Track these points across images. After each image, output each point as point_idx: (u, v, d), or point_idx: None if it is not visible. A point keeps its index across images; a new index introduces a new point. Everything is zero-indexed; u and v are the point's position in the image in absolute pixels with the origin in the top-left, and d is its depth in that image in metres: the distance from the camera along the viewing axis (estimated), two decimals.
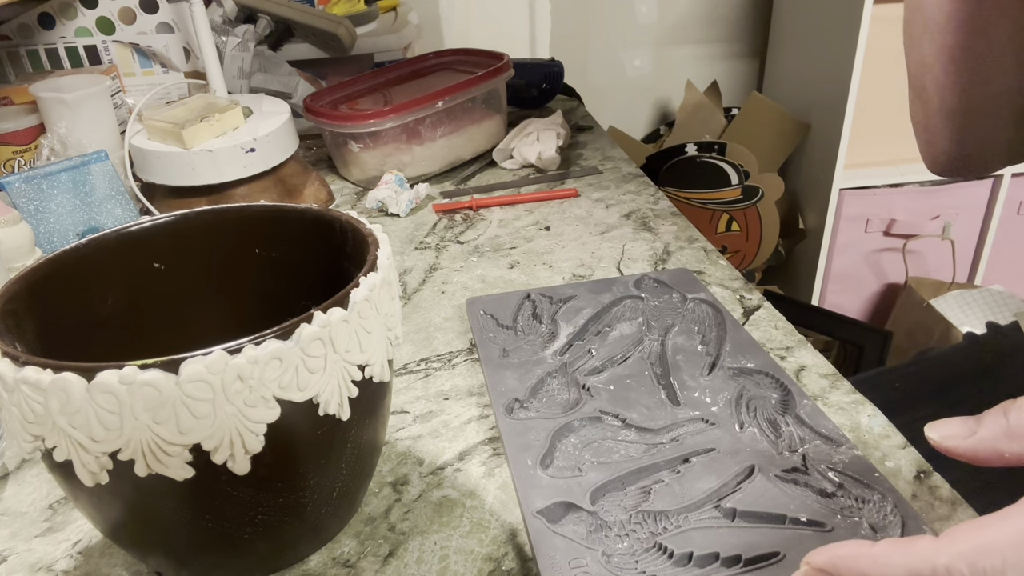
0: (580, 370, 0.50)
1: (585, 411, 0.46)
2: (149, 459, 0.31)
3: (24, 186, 0.71)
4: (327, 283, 0.40)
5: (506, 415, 0.46)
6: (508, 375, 0.49)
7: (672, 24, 1.67)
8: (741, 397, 0.47)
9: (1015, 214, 1.56)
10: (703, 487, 0.40)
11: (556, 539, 0.37)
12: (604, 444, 0.44)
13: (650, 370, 0.49)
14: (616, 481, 0.41)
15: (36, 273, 0.39)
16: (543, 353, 0.51)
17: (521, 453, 0.43)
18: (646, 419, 0.45)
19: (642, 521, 0.38)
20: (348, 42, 0.94)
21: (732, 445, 0.43)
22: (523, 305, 0.56)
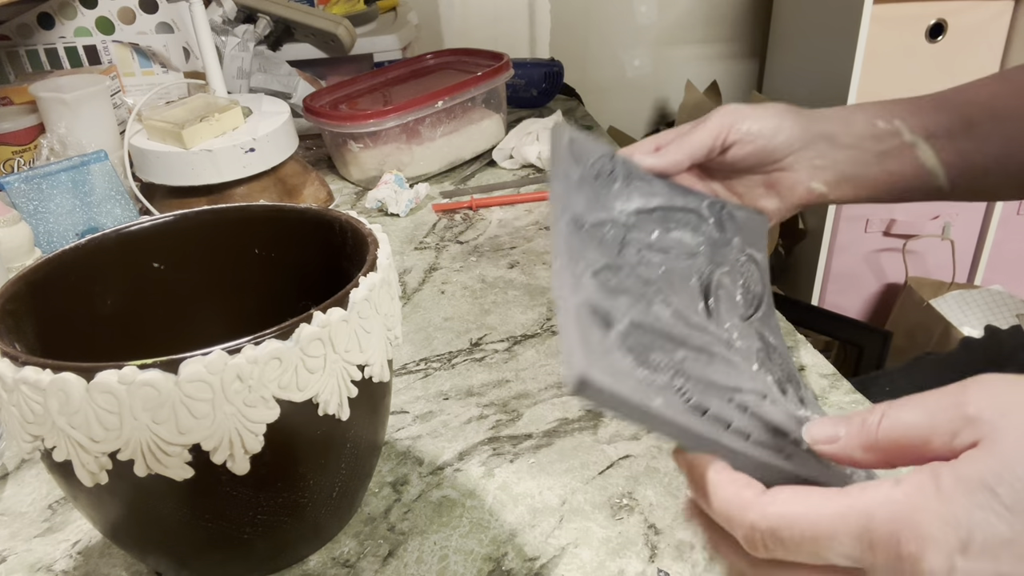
0: (639, 241, 0.47)
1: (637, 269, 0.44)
2: (149, 459, 0.31)
3: (24, 186, 0.71)
4: (327, 283, 0.40)
5: (572, 224, 0.43)
6: (578, 197, 0.46)
7: (672, 24, 1.67)
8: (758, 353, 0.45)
9: (1015, 214, 1.56)
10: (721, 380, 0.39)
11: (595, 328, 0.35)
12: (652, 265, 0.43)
13: (695, 281, 0.48)
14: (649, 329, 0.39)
15: (36, 273, 0.39)
16: (613, 204, 0.49)
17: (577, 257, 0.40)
18: (685, 308, 0.44)
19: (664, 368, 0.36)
20: (348, 42, 0.94)
21: (746, 371, 0.42)
22: (603, 159, 0.51)
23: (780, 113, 0.52)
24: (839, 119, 0.53)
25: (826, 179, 0.53)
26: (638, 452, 0.48)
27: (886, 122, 0.53)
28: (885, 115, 0.53)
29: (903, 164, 0.53)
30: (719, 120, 0.51)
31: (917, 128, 0.53)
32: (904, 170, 0.53)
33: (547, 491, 0.45)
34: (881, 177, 0.53)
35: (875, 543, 0.26)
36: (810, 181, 0.53)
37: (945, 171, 0.53)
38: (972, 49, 1.42)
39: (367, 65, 1.10)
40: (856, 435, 0.29)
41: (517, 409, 0.52)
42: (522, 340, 0.60)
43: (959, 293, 1.47)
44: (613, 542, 0.41)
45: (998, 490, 0.25)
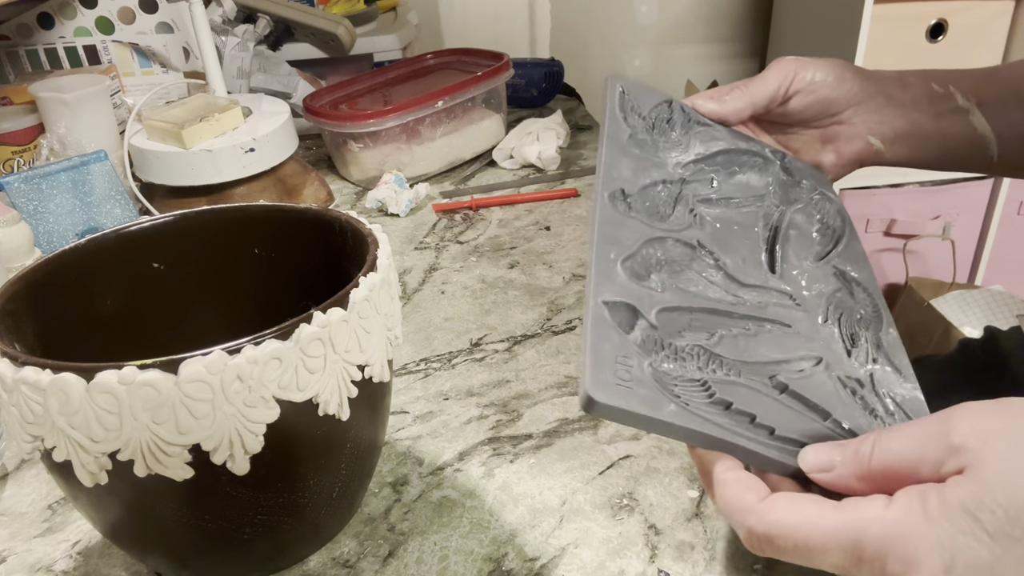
0: (696, 193, 0.46)
1: (685, 235, 0.43)
2: (148, 459, 0.31)
3: (23, 186, 0.71)
4: (327, 283, 0.40)
5: (609, 202, 0.42)
6: (625, 162, 0.45)
7: (672, 24, 1.67)
8: (834, 295, 0.44)
9: (1015, 214, 1.56)
10: (767, 354, 0.38)
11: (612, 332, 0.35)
12: (687, 273, 0.41)
13: (761, 227, 0.46)
14: (686, 310, 0.39)
15: (35, 273, 0.39)
16: (667, 158, 0.47)
17: (608, 244, 0.40)
18: (737, 270, 0.43)
19: (696, 355, 0.37)
20: (348, 42, 0.94)
21: (809, 331, 0.41)
22: (663, 107, 0.51)
23: (841, 65, 0.52)
24: (895, 79, 0.53)
25: (883, 135, 0.53)
26: (638, 452, 0.48)
27: (941, 86, 0.53)
28: (939, 80, 0.53)
29: (958, 127, 0.53)
30: (782, 68, 0.51)
31: (970, 95, 0.53)
32: (959, 133, 0.53)
33: (547, 491, 0.45)
34: (936, 139, 0.53)
35: (863, 560, 0.28)
36: (868, 135, 0.53)
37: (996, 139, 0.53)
38: (973, 49, 1.42)
39: (367, 65, 1.10)
40: (850, 464, 0.30)
41: (517, 409, 0.52)
42: (522, 340, 0.60)
43: (960, 293, 1.47)
44: (613, 542, 0.41)
45: (980, 516, 0.26)
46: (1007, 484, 0.26)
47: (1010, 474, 0.26)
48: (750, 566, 0.39)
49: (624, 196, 0.44)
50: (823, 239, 0.48)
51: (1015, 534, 0.26)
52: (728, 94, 0.50)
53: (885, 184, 1.49)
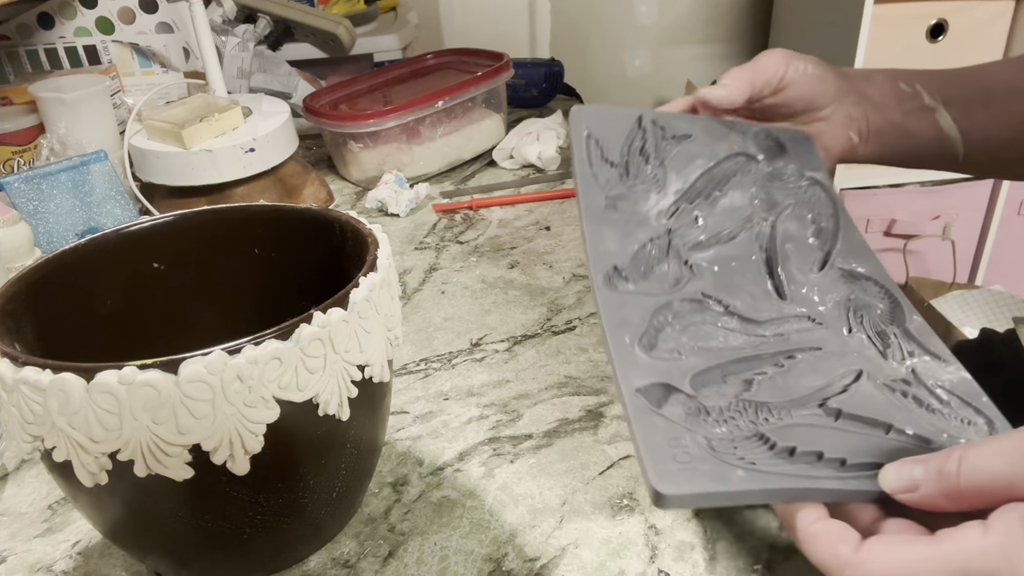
0: (685, 242, 0.46)
1: (687, 292, 0.43)
2: (148, 459, 0.31)
3: (23, 186, 0.71)
4: (327, 283, 0.40)
5: (605, 285, 0.42)
6: (609, 235, 0.45)
7: (672, 24, 1.67)
8: (850, 301, 0.44)
9: (1015, 214, 1.56)
10: (808, 384, 0.38)
11: (656, 419, 0.35)
12: (704, 328, 0.41)
13: (758, 255, 0.46)
14: (716, 369, 0.38)
15: (36, 273, 0.39)
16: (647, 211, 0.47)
17: (619, 329, 0.39)
18: (750, 309, 0.42)
19: (743, 410, 0.36)
20: (348, 42, 0.94)
21: (839, 347, 0.41)
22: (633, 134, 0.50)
23: (820, 61, 0.52)
24: (864, 76, 0.54)
25: (859, 130, 0.54)
26: None
27: (907, 85, 0.54)
28: (906, 79, 0.54)
29: (924, 126, 0.54)
30: (776, 56, 0.51)
31: (936, 94, 0.54)
32: (925, 131, 0.54)
33: (547, 491, 0.45)
34: (903, 136, 0.54)
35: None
36: (848, 130, 0.53)
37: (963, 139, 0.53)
38: (973, 49, 1.42)
39: (367, 65, 1.10)
40: (936, 483, 0.29)
41: (517, 409, 0.52)
42: (522, 340, 0.60)
43: (960, 293, 1.47)
44: (613, 542, 0.41)
45: None
46: None
47: None
48: (750, 566, 0.39)
49: (618, 272, 0.43)
50: (821, 241, 0.48)
51: None
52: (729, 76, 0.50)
53: (885, 184, 1.49)
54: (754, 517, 0.42)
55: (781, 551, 0.40)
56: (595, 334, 0.60)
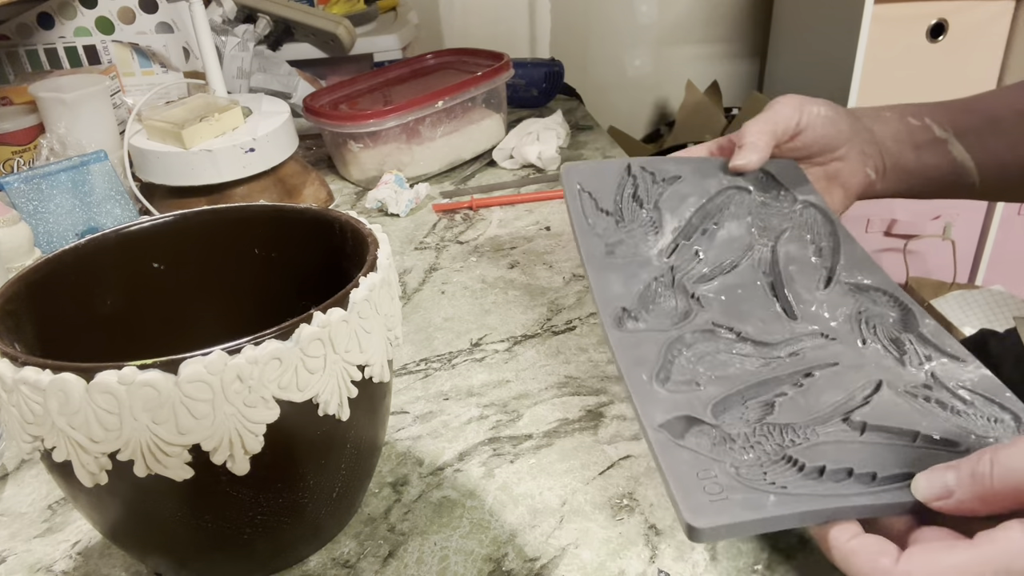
0: (688, 276, 0.47)
1: (697, 323, 0.43)
2: (148, 459, 0.31)
3: (23, 186, 0.71)
4: (327, 283, 0.40)
5: (616, 327, 0.43)
6: (613, 279, 0.46)
7: (672, 24, 1.67)
8: (860, 314, 0.44)
9: (1016, 214, 1.56)
10: (829, 400, 0.38)
11: (682, 452, 0.35)
12: (718, 358, 0.41)
13: (762, 280, 0.47)
14: (736, 395, 0.39)
15: (35, 273, 0.39)
16: (648, 252, 0.48)
17: (635, 368, 0.40)
18: (762, 332, 0.43)
19: (767, 434, 0.36)
20: (347, 42, 0.94)
21: (855, 360, 0.41)
22: (624, 182, 0.51)
23: (831, 104, 0.53)
24: (872, 115, 0.55)
25: (875, 167, 0.55)
26: (638, 452, 0.47)
27: (916, 119, 0.55)
28: (914, 113, 0.55)
29: (938, 158, 0.55)
30: (790, 103, 0.52)
31: (946, 125, 0.54)
32: (940, 163, 0.55)
33: (547, 491, 0.45)
34: (919, 169, 0.55)
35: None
36: (864, 167, 0.54)
37: (977, 168, 0.54)
38: (973, 49, 1.42)
39: (367, 65, 1.10)
40: (969, 487, 0.29)
41: (517, 409, 0.52)
42: (522, 340, 0.60)
43: (960, 293, 1.47)
44: (614, 542, 0.41)
45: None
46: None
47: None
48: (750, 566, 0.39)
49: (627, 312, 0.44)
50: (823, 259, 0.49)
51: None
52: (750, 136, 0.50)
53: None
54: None
55: (781, 551, 0.40)
56: (595, 334, 0.60)
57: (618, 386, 0.54)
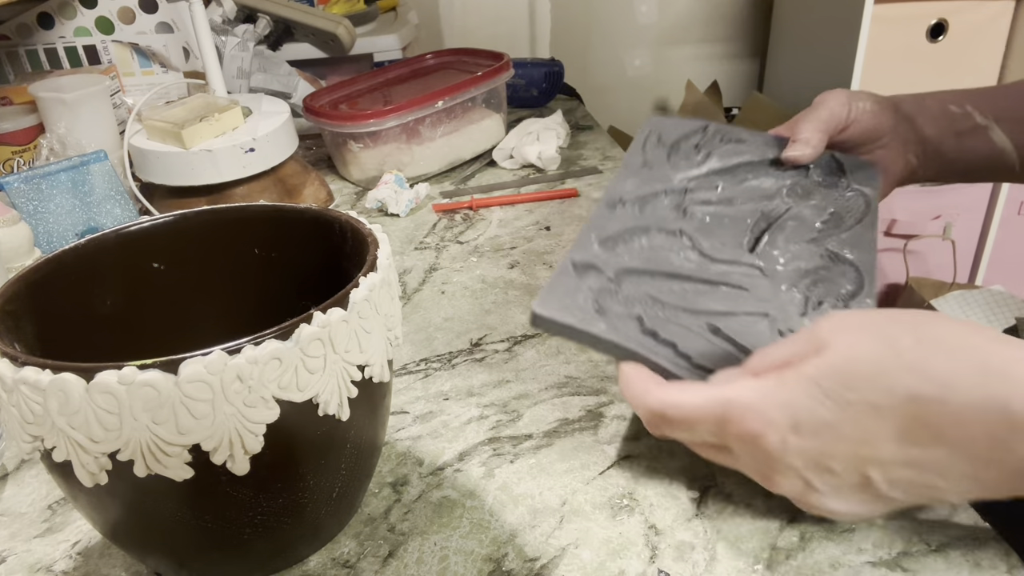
0: (694, 198, 0.49)
1: (669, 226, 0.47)
2: (148, 459, 0.31)
3: (23, 186, 0.71)
4: (327, 283, 0.40)
5: (605, 206, 0.47)
6: (631, 182, 0.50)
7: (672, 24, 1.67)
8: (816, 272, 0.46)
9: (1016, 214, 1.56)
10: (710, 306, 0.42)
11: (570, 278, 0.41)
12: (662, 253, 0.45)
13: (754, 219, 0.49)
14: (647, 273, 0.44)
15: (35, 273, 0.39)
16: (675, 176, 0.51)
17: (591, 230, 0.45)
18: (713, 249, 0.46)
19: (642, 301, 0.42)
20: (347, 42, 0.94)
21: (766, 295, 0.43)
22: (693, 134, 0.55)
23: (872, 94, 0.55)
24: (913, 102, 0.57)
25: (917, 154, 0.56)
26: (638, 452, 0.47)
27: (957, 106, 0.56)
28: (955, 100, 0.57)
29: (979, 144, 0.56)
30: (838, 98, 0.54)
31: (987, 112, 0.56)
32: (980, 149, 0.56)
33: (547, 491, 0.45)
34: (960, 155, 0.57)
35: (728, 424, 0.33)
36: (907, 155, 0.56)
37: (1017, 152, 0.56)
38: (973, 49, 1.42)
39: (367, 65, 1.10)
40: (742, 369, 0.35)
41: (517, 409, 0.52)
42: (522, 340, 0.60)
43: (960, 293, 1.47)
44: (613, 543, 0.41)
45: (821, 383, 0.31)
46: (847, 359, 0.31)
47: (852, 349, 0.31)
48: (750, 566, 0.39)
49: (620, 201, 0.48)
50: (825, 228, 0.50)
51: (849, 397, 0.31)
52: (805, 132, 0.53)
53: None
54: (754, 517, 0.42)
55: (781, 551, 0.40)
56: None
57: (618, 387, 0.54)
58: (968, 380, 0.30)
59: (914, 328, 0.31)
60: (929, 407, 0.30)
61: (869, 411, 0.31)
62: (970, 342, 0.30)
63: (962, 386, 0.30)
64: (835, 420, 0.32)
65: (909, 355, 0.30)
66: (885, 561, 0.39)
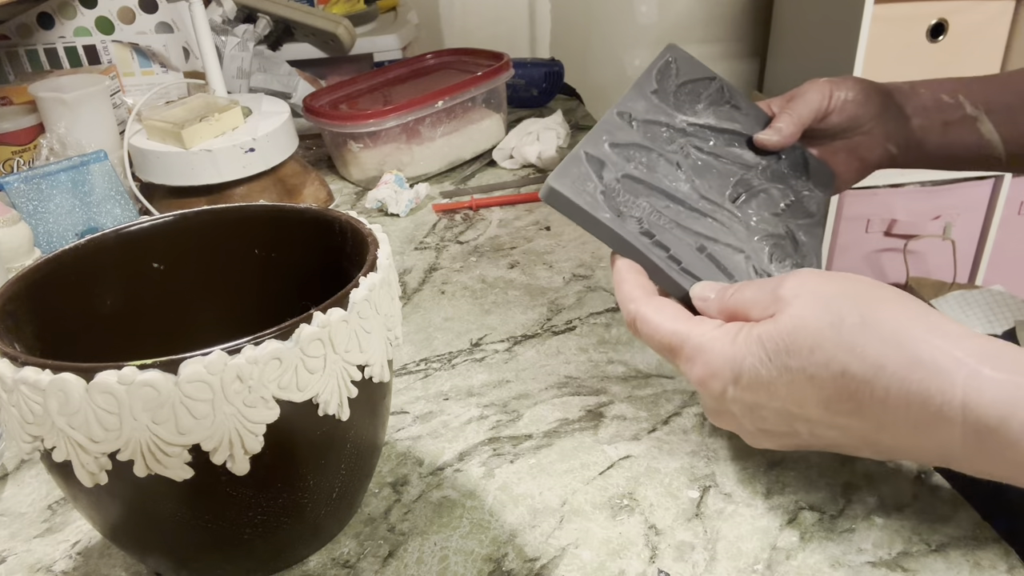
0: (691, 141, 0.53)
1: (669, 155, 0.50)
2: (148, 460, 0.31)
3: (23, 186, 0.71)
4: (327, 283, 0.40)
5: (616, 115, 0.51)
6: (642, 103, 0.53)
7: (672, 24, 1.67)
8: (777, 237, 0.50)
9: (1016, 214, 1.56)
10: (700, 230, 0.46)
11: (582, 166, 0.45)
12: (659, 175, 0.49)
13: (736, 178, 0.53)
14: (647, 185, 0.47)
15: (35, 273, 0.39)
16: (677, 116, 0.54)
17: (604, 132, 0.48)
18: (703, 189, 0.50)
19: (642, 207, 0.45)
20: (347, 42, 0.94)
21: (742, 238, 0.48)
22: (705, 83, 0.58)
23: (865, 83, 0.56)
24: (907, 91, 0.58)
25: (898, 142, 0.58)
26: (638, 453, 0.47)
27: (950, 96, 0.57)
28: (948, 90, 0.57)
29: (965, 135, 0.57)
30: (819, 88, 0.56)
31: (978, 103, 0.57)
32: (966, 140, 0.57)
33: (547, 491, 0.45)
34: (944, 145, 0.58)
35: (680, 358, 0.38)
36: (886, 143, 0.57)
37: (1003, 143, 0.57)
38: (973, 49, 1.42)
39: (367, 65, 1.10)
40: (716, 301, 0.39)
41: (517, 409, 0.52)
42: (522, 340, 0.60)
43: (960, 293, 1.47)
44: (613, 543, 0.41)
45: (767, 345, 0.34)
46: (794, 328, 0.34)
47: (800, 319, 0.34)
48: (750, 566, 0.39)
49: (630, 118, 0.51)
50: (787, 211, 0.53)
51: (790, 364, 0.34)
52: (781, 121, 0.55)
53: (885, 184, 1.49)
54: (754, 517, 0.42)
55: (781, 551, 0.40)
56: (595, 334, 0.60)
57: (618, 387, 0.54)
58: (896, 368, 0.31)
59: (862, 307, 0.33)
60: (858, 386, 0.32)
61: (804, 378, 0.34)
62: (908, 331, 0.32)
63: (890, 373, 0.32)
64: (772, 381, 0.35)
65: (849, 334, 0.32)
66: (885, 561, 0.39)
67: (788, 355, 0.34)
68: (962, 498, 0.42)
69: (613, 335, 0.60)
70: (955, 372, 0.30)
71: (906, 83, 0.58)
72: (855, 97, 0.55)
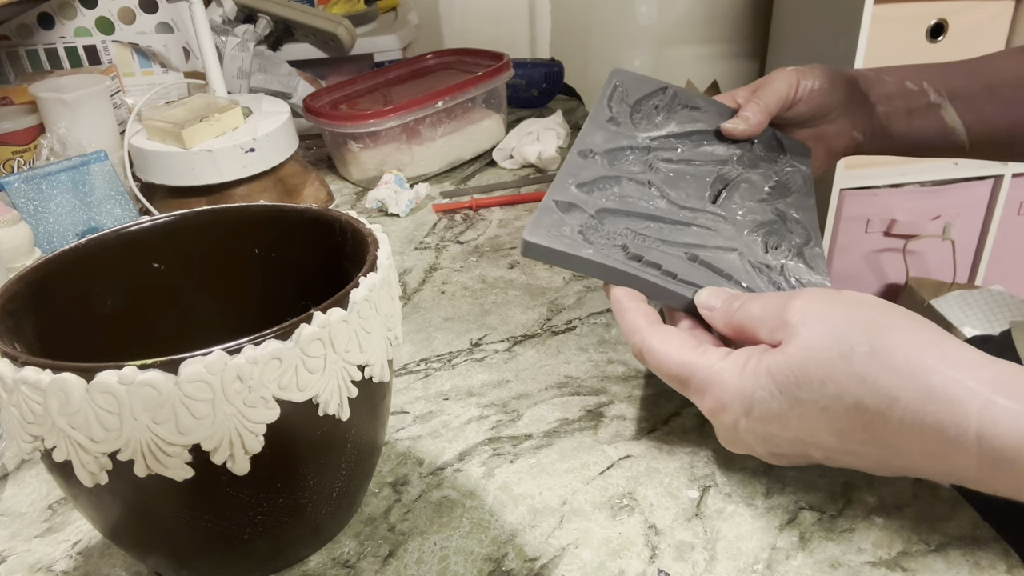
0: (657, 155, 0.54)
1: (638, 177, 0.51)
2: (148, 459, 0.31)
3: (24, 186, 0.71)
4: (327, 283, 0.40)
5: (577, 155, 0.51)
6: (599, 135, 0.53)
7: (672, 24, 1.67)
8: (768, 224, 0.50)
9: (1015, 214, 1.56)
10: (686, 240, 0.46)
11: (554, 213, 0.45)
12: (632, 199, 0.49)
13: (713, 177, 0.53)
14: (624, 213, 0.47)
15: (36, 273, 0.39)
16: (639, 134, 0.55)
17: (567, 176, 0.48)
18: (680, 199, 0.50)
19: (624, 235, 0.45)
20: (348, 42, 0.94)
21: (731, 237, 0.48)
22: (656, 95, 0.59)
23: (831, 72, 0.57)
24: (872, 78, 0.58)
25: (864, 130, 0.58)
26: (638, 452, 0.48)
27: (914, 83, 0.58)
28: (914, 77, 0.58)
29: (929, 122, 0.58)
30: (786, 77, 0.56)
31: (942, 90, 0.57)
32: (929, 127, 0.58)
33: (547, 491, 0.45)
34: (909, 132, 0.58)
35: (689, 389, 0.38)
36: (852, 131, 0.58)
37: (967, 131, 0.58)
38: (973, 49, 1.41)
39: (367, 65, 1.10)
40: (722, 312, 0.39)
41: (517, 409, 0.52)
42: (522, 340, 0.60)
43: (960, 293, 1.47)
44: (613, 542, 0.41)
45: (777, 378, 0.34)
46: (803, 360, 0.33)
47: (811, 351, 0.33)
48: (750, 566, 0.39)
49: (591, 153, 0.51)
50: (773, 193, 0.53)
51: (801, 396, 0.34)
52: (748, 110, 0.55)
53: (885, 184, 1.49)
54: (754, 517, 0.42)
55: (781, 551, 0.40)
56: (595, 334, 0.60)
57: (618, 387, 0.54)
58: (910, 400, 0.31)
59: (871, 335, 0.33)
60: (872, 418, 0.32)
61: (816, 411, 0.34)
62: (921, 361, 0.32)
63: (903, 405, 0.31)
64: (784, 413, 0.35)
65: (860, 366, 0.32)
66: (885, 561, 0.39)
67: (799, 387, 0.34)
68: (962, 498, 0.42)
69: (613, 335, 0.60)
70: (969, 402, 0.30)
71: (871, 70, 0.59)
72: (821, 86, 0.56)
